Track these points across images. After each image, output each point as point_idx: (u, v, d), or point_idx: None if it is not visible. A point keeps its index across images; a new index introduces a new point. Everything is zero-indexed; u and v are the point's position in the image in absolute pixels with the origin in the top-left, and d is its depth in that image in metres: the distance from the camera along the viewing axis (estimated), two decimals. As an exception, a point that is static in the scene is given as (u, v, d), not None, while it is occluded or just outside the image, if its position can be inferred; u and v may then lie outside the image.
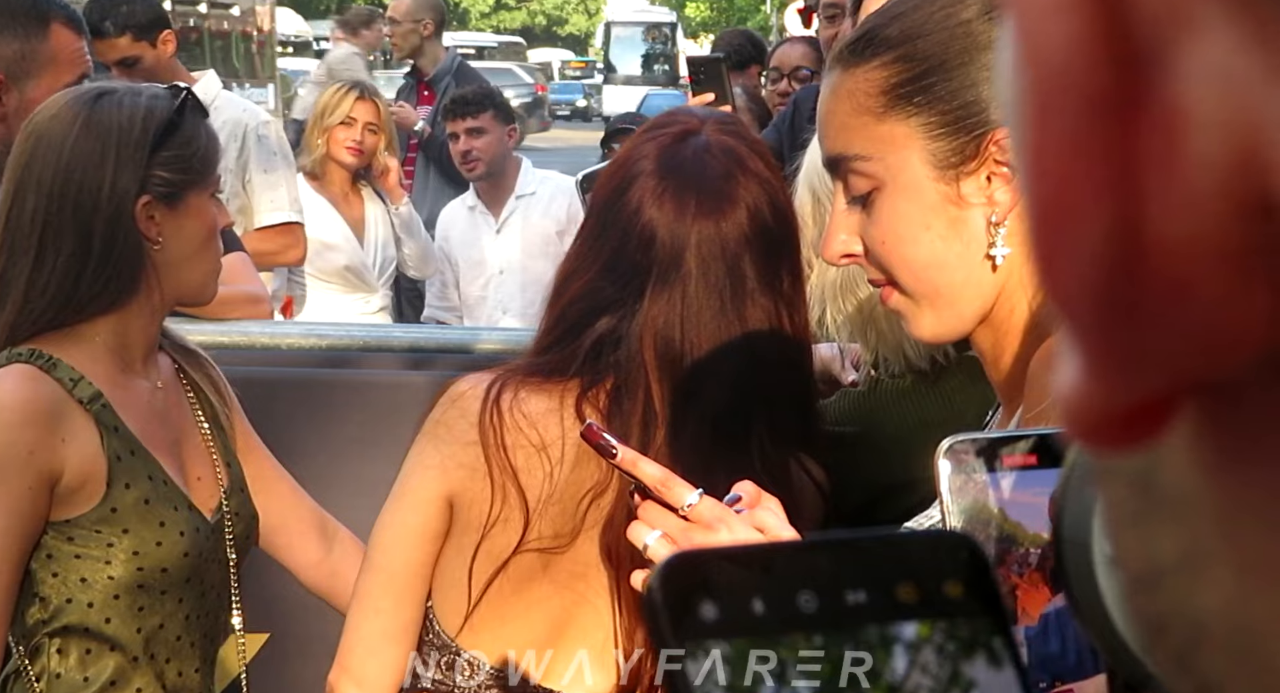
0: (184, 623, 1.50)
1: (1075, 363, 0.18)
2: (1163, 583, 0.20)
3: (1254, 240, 0.16)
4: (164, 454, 1.51)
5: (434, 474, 1.25)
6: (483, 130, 3.61)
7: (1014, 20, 0.17)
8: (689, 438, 1.21)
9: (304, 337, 2.50)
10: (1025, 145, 0.17)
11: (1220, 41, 0.16)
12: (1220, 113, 0.16)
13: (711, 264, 1.22)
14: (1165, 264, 0.16)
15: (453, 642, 1.28)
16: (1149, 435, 0.18)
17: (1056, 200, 0.17)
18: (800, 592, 0.26)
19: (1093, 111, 0.16)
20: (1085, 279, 0.17)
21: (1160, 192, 0.16)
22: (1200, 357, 0.17)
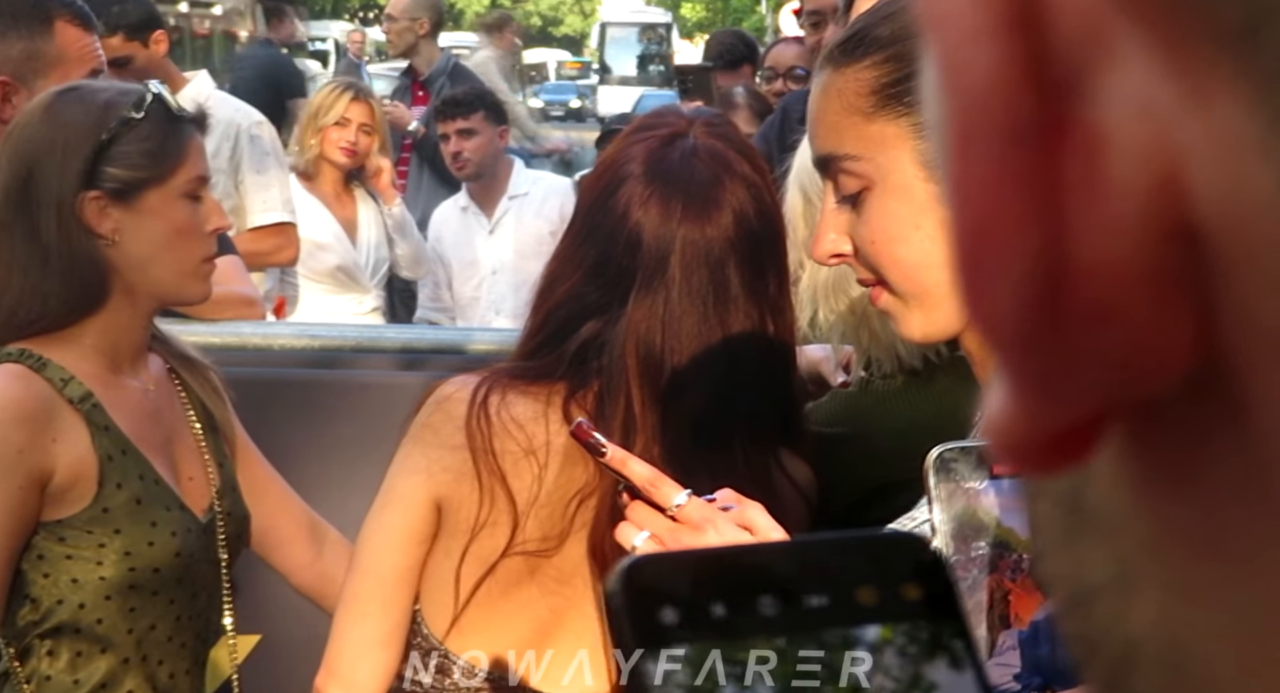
0: (175, 624, 1.49)
1: (1002, 389, 0.18)
2: (1094, 602, 0.20)
3: (1176, 264, 0.16)
4: (155, 454, 1.50)
5: (421, 478, 1.25)
6: (473, 131, 3.61)
7: (934, 48, 0.17)
8: (669, 444, 1.21)
9: (296, 337, 2.50)
10: (949, 173, 0.17)
11: (1138, 68, 0.16)
12: (1139, 138, 0.16)
13: (695, 270, 1.22)
14: (1089, 290, 0.16)
15: (440, 645, 1.28)
16: (1076, 458, 0.18)
17: (980, 229, 0.17)
18: (761, 595, 0.26)
19: (1014, 139, 0.16)
20: (1010, 307, 0.17)
21: (1083, 218, 0.16)
22: (1126, 380, 0.17)
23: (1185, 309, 0.16)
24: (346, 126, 3.37)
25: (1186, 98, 0.16)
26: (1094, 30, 0.16)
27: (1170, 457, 0.18)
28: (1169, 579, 0.19)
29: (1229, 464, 0.17)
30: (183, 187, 1.50)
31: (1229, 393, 0.17)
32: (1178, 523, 0.18)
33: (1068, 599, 0.21)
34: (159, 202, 1.48)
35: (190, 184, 1.51)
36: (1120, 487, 0.19)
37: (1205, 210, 0.16)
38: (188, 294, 1.54)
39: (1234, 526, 0.17)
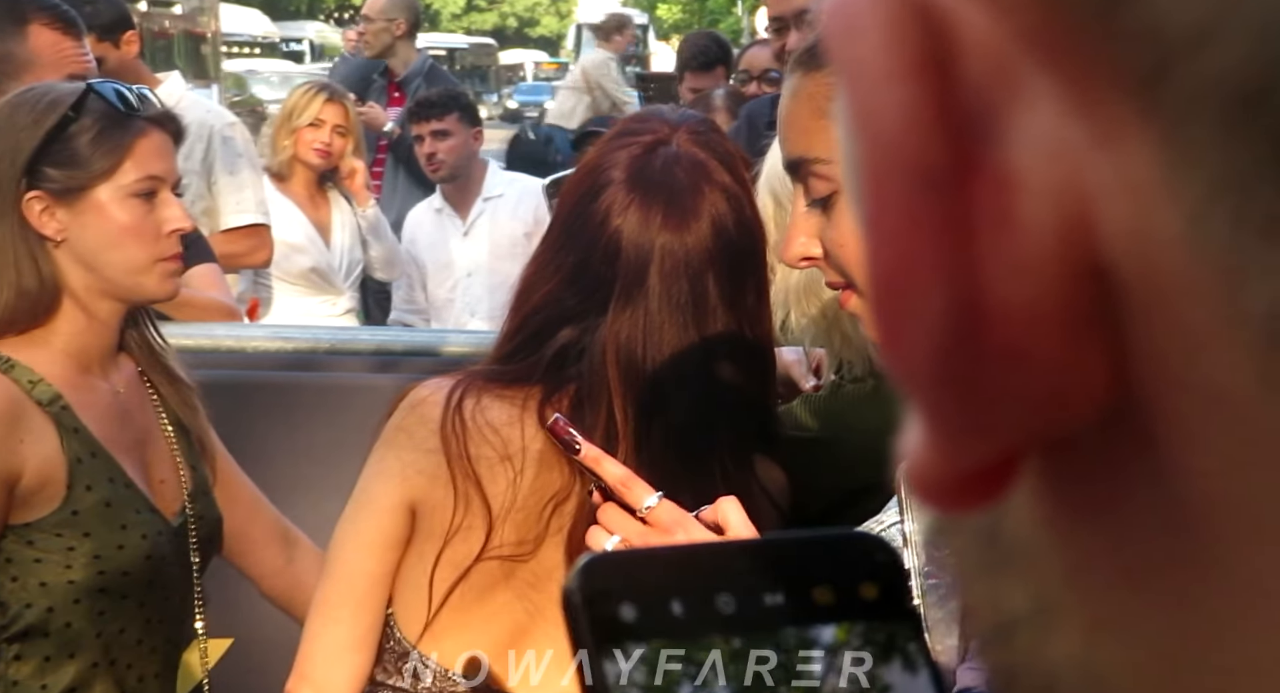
0: (145, 627, 1.49)
1: (917, 428, 0.18)
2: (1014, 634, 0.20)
3: (1088, 304, 0.16)
4: (126, 457, 1.49)
5: (395, 482, 1.25)
6: (447, 133, 3.61)
7: (846, 91, 0.17)
8: (653, 455, 1.21)
9: (270, 339, 2.49)
10: (863, 216, 0.17)
11: (1047, 109, 0.16)
12: (1049, 179, 0.16)
13: (675, 280, 1.21)
14: (1003, 331, 0.16)
15: (414, 648, 1.28)
16: (992, 495, 0.18)
17: (894, 271, 0.17)
18: (719, 593, 0.26)
19: (926, 182, 0.16)
20: (925, 350, 0.17)
21: (995, 259, 0.16)
22: (1041, 419, 0.17)
23: (1098, 348, 0.17)
24: (320, 128, 3.35)
25: (1095, 139, 0.16)
26: (1003, 72, 0.16)
27: (1085, 491, 0.18)
28: (1086, 612, 0.19)
29: (1143, 498, 0.17)
30: (133, 185, 1.48)
31: (1142, 429, 0.17)
32: (1094, 556, 0.18)
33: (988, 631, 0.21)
34: (106, 200, 1.47)
35: (142, 183, 1.49)
36: (1037, 520, 0.19)
37: (1115, 250, 0.16)
38: (144, 293, 1.52)
39: (1149, 558, 0.18)
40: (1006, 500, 0.19)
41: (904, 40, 0.17)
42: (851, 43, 0.17)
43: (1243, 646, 0.17)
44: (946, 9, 0.17)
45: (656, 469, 1.19)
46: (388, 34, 4.58)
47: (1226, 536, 0.16)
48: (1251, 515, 0.16)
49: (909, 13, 0.17)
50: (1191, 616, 0.17)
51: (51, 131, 1.45)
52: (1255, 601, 0.16)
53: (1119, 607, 0.18)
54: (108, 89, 1.51)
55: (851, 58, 0.17)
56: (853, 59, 0.17)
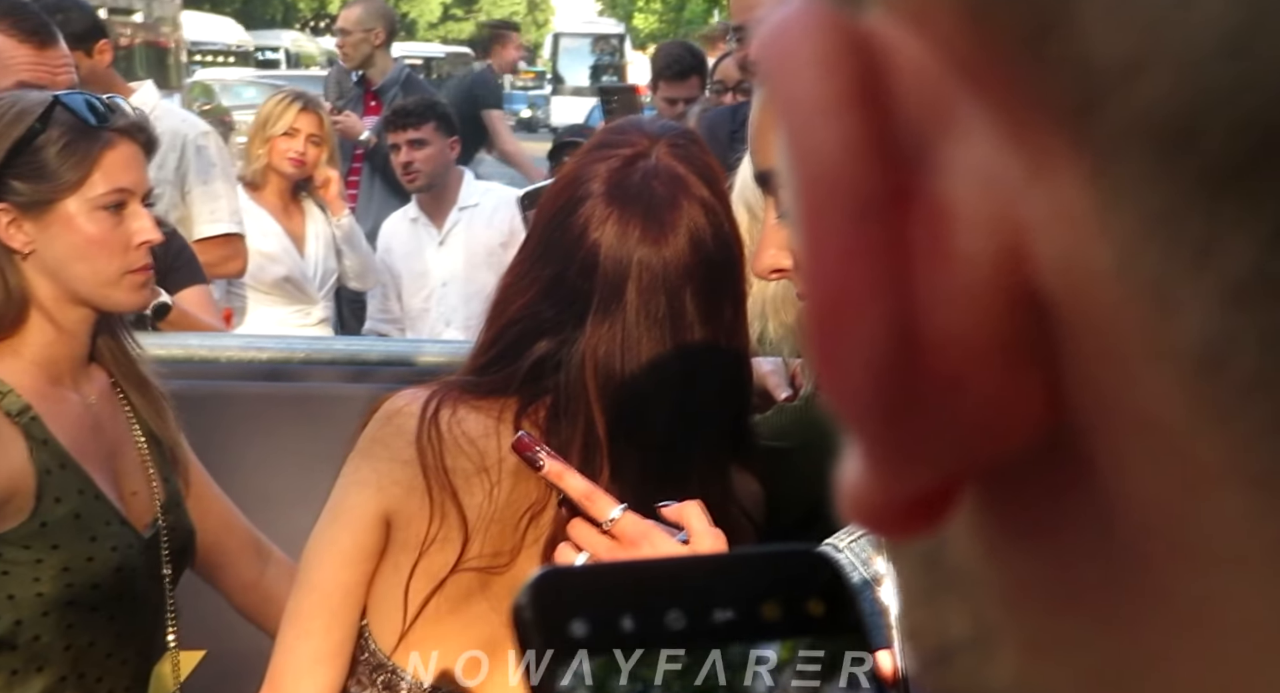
0: (116, 640, 1.47)
1: (855, 456, 0.18)
2: (953, 659, 0.20)
3: (1023, 334, 0.16)
4: (97, 468, 1.48)
5: (370, 492, 1.24)
6: (425, 142, 3.60)
7: (782, 122, 0.17)
8: (633, 470, 1.21)
9: (244, 349, 2.48)
10: (802, 246, 0.17)
11: (981, 141, 0.16)
12: (983, 210, 0.16)
13: (652, 294, 1.21)
14: (940, 361, 0.17)
15: (388, 660, 1.27)
16: (931, 522, 0.19)
17: (832, 302, 0.17)
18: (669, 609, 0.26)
19: (862, 212, 0.17)
20: (863, 380, 0.17)
21: (931, 289, 0.16)
22: (978, 447, 0.17)
23: (1034, 377, 0.17)
24: (295, 137, 3.35)
25: (1029, 170, 0.16)
26: (937, 102, 0.17)
27: (1023, 517, 0.18)
28: (1025, 637, 0.19)
29: (1079, 524, 0.17)
30: (101, 198, 1.47)
31: (1078, 456, 0.17)
32: (1032, 581, 0.19)
33: (928, 656, 0.21)
34: (74, 213, 1.46)
35: (111, 196, 1.48)
36: (977, 546, 0.19)
37: (1049, 281, 0.16)
38: (113, 304, 1.51)
39: (1086, 583, 0.18)
40: (946, 528, 0.19)
41: (838, 72, 0.17)
42: (786, 74, 0.17)
43: (1176, 672, 0.17)
44: (880, 40, 0.17)
45: (634, 482, 1.19)
46: (367, 44, 4.58)
47: (1160, 563, 0.16)
48: (1184, 543, 0.16)
49: (842, 44, 0.17)
50: (1127, 642, 0.17)
51: (18, 144, 1.44)
52: (1189, 628, 0.16)
53: (1057, 633, 0.18)
54: (76, 100, 1.50)
55: (786, 89, 0.17)
56: (787, 91, 0.17)
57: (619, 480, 1.19)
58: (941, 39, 0.17)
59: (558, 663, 0.25)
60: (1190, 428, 0.15)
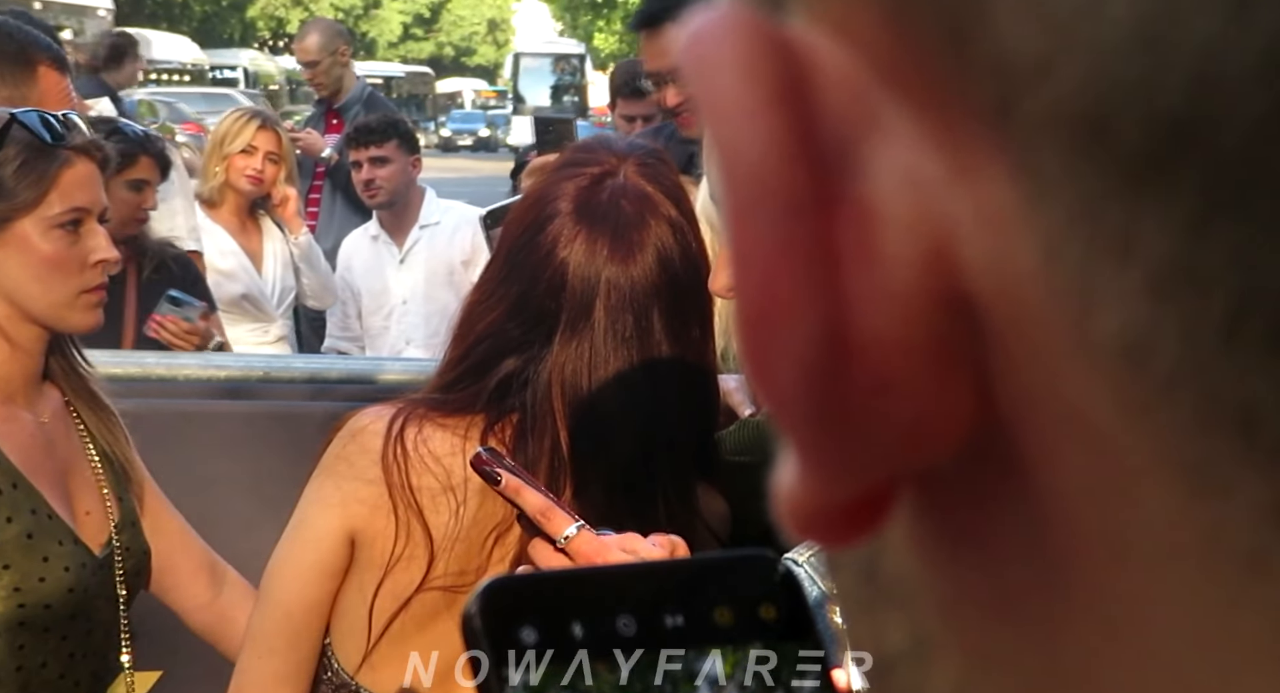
0: (68, 662, 1.45)
1: (790, 461, 0.18)
2: (894, 671, 0.20)
3: (951, 335, 0.16)
4: (49, 488, 1.46)
5: (335, 511, 1.23)
6: (386, 159, 3.59)
7: (709, 124, 0.17)
8: (599, 488, 1.20)
9: (201, 367, 2.46)
10: (729, 247, 0.17)
11: (904, 142, 0.16)
12: (908, 213, 0.16)
13: (620, 313, 1.21)
14: (870, 363, 0.17)
15: (352, 680, 1.26)
16: (867, 528, 0.19)
17: (762, 302, 0.17)
18: (620, 615, 0.26)
19: (790, 212, 0.16)
20: (794, 382, 0.17)
21: (859, 291, 0.17)
22: (910, 450, 0.17)
23: (963, 379, 0.17)
24: (253, 154, 3.33)
25: (952, 171, 0.16)
26: (860, 105, 0.17)
27: (955, 523, 0.18)
28: (963, 645, 0.19)
29: (1010, 527, 0.17)
30: (58, 217, 1.46)
31: (1007, 457, 0.17)
32: (968, 588, 0.19)
33: (872, 668, 0.21)
34: (30, 232, 1.45)
35: (68, 215, 1.46)
36: (912, 555, 0.19)
37: (975, 282, 0.16)
38: (68, 325, 1.50)
39: (1018, 588, 0.18)
40: (882, 536, 0.19)
41: (760, 74, 0.17)
42: (709, 77, 0.17)
43: (1107, 672, 0.17)
44: (801, 43, 0.17)
45: (600, 501, 1.19)
46: (337, 66, 4.58)
47: (1090, 563, 0.16)
48: (1114, 541, 0.16)
49: (765, 48, 0.17)
50: (1059, 644, 0.17)
51: None
52: (1118, 629, 0.16)
53: (991, 639, 0.18)
54: (32, 118, 1.48)
55: (709, 93, 0.17)
56: (710, 94, 0.17)
57: (585, 499, 1.19)
58: (862, 43, 0.17)
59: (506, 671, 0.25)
60: (1116, 423, 0.15)
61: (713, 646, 0.26)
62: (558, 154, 2.44)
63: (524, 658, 0.25)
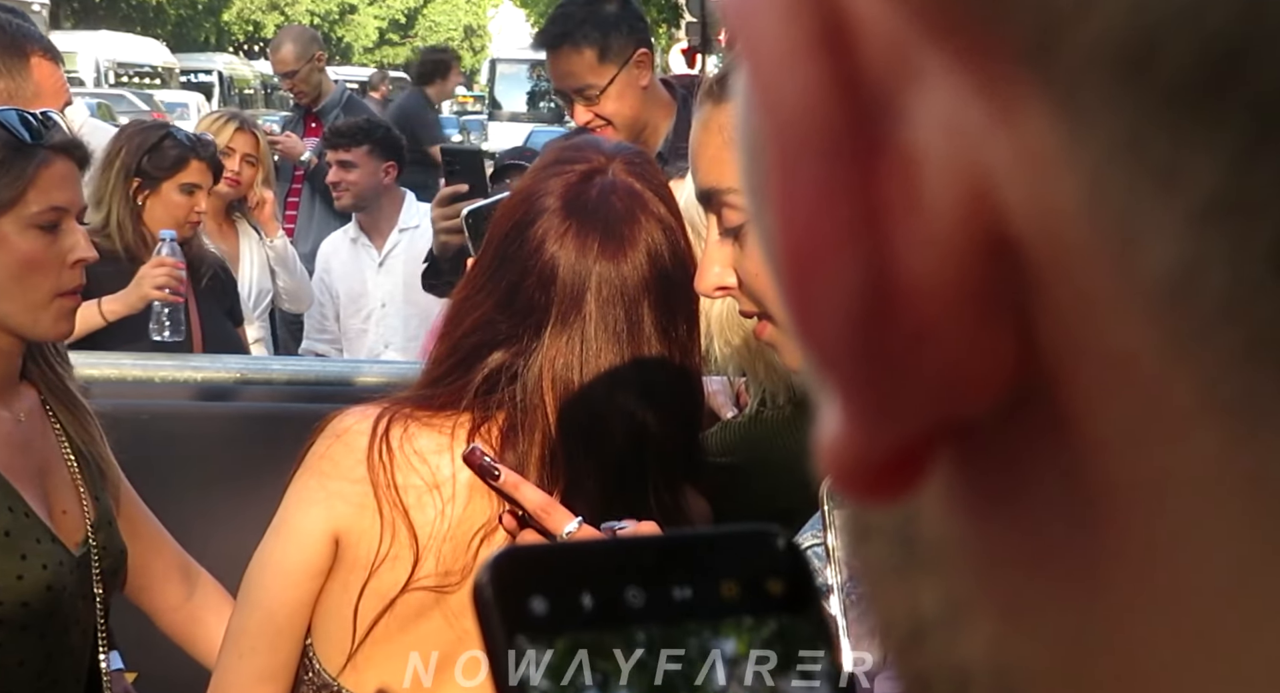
0: (46, 660, 1.44)
1: (832, 411, 0.18)
2: (926, 638, 0.20)
3: (994, 281, 0.16)
4: (26, 486, 1.46)
5: (319, 510, 1.22)
6: (353, 164, 3.60)
7: (749, 69, 0.17)
8: (590, 484, 1.20)
9: (178, 369, 2.45)
10: (770, 194, 0.17)
11: (943, 88, 0.16)
12: (949, 158, 0.16)
13: (611, 308, 1.21)
14: (911, 309, 0.17)
15: (334, 681, 1.25)
16: (905, 485, 0.19)
17: (807, 246, 0.17)
18: (628, 587, 0.26)
19: (833, 156, 0.17)
20: (838, 325, 0.17)
21: (901, 239, 0.17)
22: (949, 400, 0.17)
23: (1005, 326, 0.17)
24: (230, 157, 3.32)
25: (993, 114, 0.16)
26: (899, 53, 0.17)
27: (992, 480, 0.18)
28: (998, 605, 0.19)
29: (1050, 483, 0.17)
30: (36, 216, 1.44)
31: (1047, 409, 0.17)
32: (1002, 547, 0.19)
33: (900, 641, 0.21)
34: (8, 231, 1.43)
35: (46, 214, 1.45)
36: (949, 516, 0.19)
37: (1018, 225, 0.16)
38: (39, 330, 1.48)
39: (1054, 544, 0.18)
40: (918, 499, 0.19)
41: (800, 19, 0.17)
42: (748, 23, 0.17)
43: (1143, 623, 0.17)
44: None
45: (591, 496, 1.19)
46: (315, 73, 4.58)
47: (1126, 512, 0.16)
48: (1152, 487, 0.16)
49: None
50: (1094, 598, 0.17)
51: None
52: (1155, 577, 0.16)
53: (1026, 599, 0.18)
54: (10, 116, 1.47)
55: (750, 40, 0.17)
56: (751, 38, 0.17)
57: (576, 494, 1.19)
58: None
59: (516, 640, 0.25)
60: (1161, 363, 0.15)
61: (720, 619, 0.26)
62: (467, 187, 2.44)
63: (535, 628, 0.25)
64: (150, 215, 2.79)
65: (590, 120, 2.46)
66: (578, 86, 2.46)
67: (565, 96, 2.53)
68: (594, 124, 2.45)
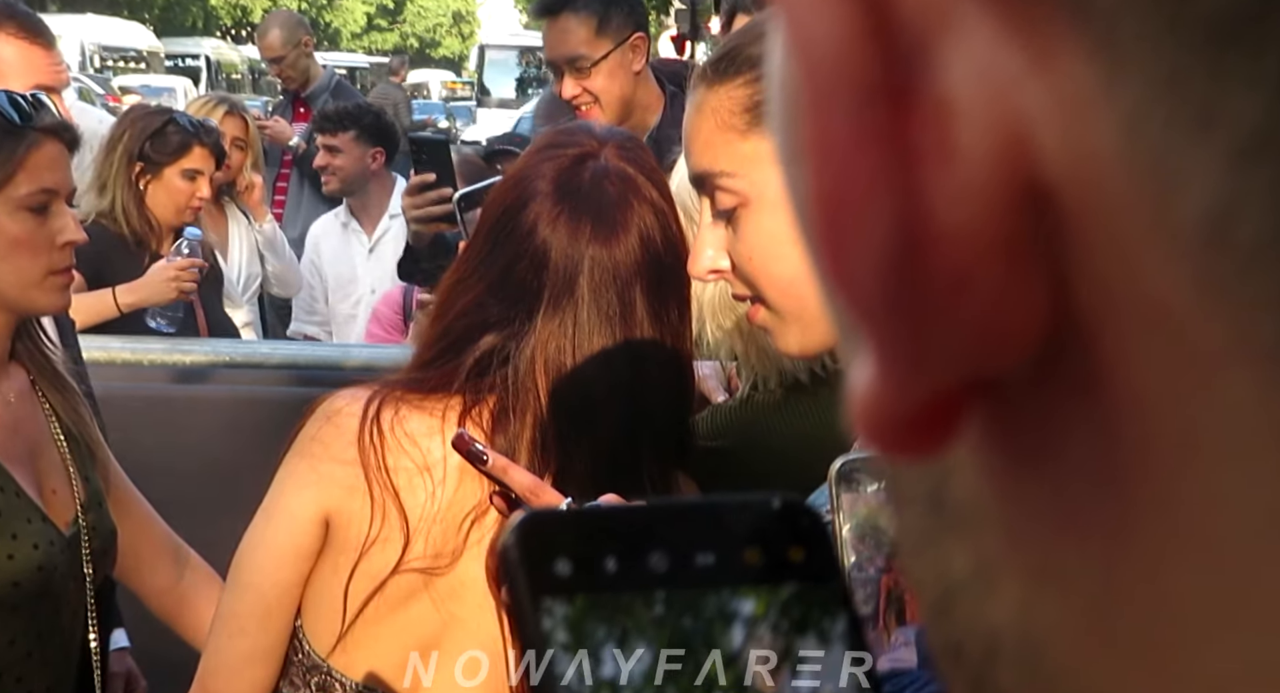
0: (36, 640, 1.44)
1: (865, 362, 0.18)
2: (956, 602, 0.20)
3: (1028, 229, 0.16)
4: (16, 466, 1.46)
5: (310, 493, 1.22)
6: (338, 149, 3.60)
7: (783, 14, 0.17)
8: (582, 467, 1.20)
9: (167, 353, 2.45)
10: (803, 140, 0.17)
11: (979, 34, 0.16)
12: (985, 105, 0.16)
13: (603, 290, 1.21)
14: (945, 257, 0.17)
15: (324, 662, 1.25)
16: (936, 441, 0.18)
17: (839, 192, 0.17)
18: (652, 552, 0.26)
19: (868, 103, 0.17)
20: (869, 269, 0.17)
21: (936, 186, 0.16)
22: (982, 351, 0.17)
23: (1038, 276, 0.17)
24: (219, 141, 3.31)
25: (1029, 60, 0.16)
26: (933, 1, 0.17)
27: (1025, 437, 0.18)
28: (1027, 567, 0.19)
29: (1081, 439, 0.17)
30: (26, 198, 1.45)
31: (1080, 361, 0.17)
32: (1034, 507, 0.18)
33: (932, 605, 0.21)
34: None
35: (35, 196, 1.45)
36: (980, 477, 0.19)
37: (1053, 171, 0.16)
38: (35, 307, 1.49)
39: (1087, 503, 0.18)
40: (950, 461, 0.19)
41: None
42: None
43: (1173, 580, 0.17)
44: None
45: (582, 479, 1.19)
46: (303, 58, 4.57)
47: (1157, 465, 0.16)
48: (1184, 439, 0.16)
49: None
50: (1123, 556, 0.17)
51: None
52: (1184, 533, 0.16)
53: (1055, 560, 0.18)
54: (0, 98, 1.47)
55: None
56: None
57: (567, 477, 1.19)
58: None
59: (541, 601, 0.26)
60: (1195, 308, 0.15)
61: (742, 585, 0.27)
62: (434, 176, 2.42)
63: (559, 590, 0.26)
64: (153, 200, 2.79)
65: (578, 95, 2.44)
66: (571, 56, 2.45)
67: (556, 69, 2.52)
68: (581, 99, 2.44)
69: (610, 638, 0.26)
